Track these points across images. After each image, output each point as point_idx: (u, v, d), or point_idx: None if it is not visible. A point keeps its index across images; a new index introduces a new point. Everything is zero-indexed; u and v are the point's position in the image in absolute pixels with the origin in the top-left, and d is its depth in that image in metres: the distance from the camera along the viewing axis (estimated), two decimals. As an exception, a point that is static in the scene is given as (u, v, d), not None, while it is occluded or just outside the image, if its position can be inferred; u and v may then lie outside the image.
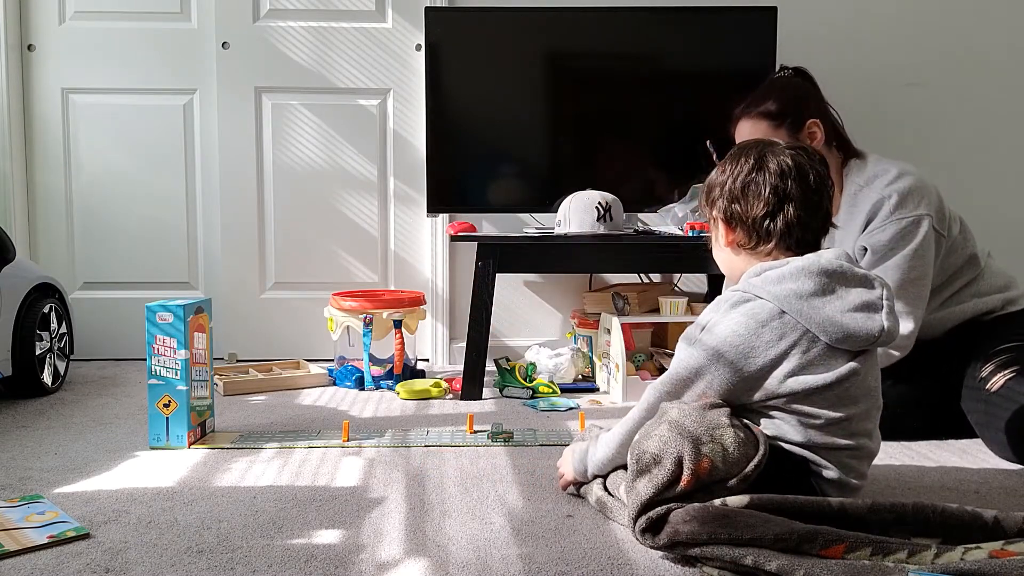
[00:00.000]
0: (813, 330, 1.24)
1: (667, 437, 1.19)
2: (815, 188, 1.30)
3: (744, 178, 1.31)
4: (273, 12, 2.81)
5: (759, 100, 1.91)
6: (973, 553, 1.08)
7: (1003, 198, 2.84)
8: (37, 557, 1.20)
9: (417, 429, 1.95)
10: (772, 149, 1.32)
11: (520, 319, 2.90)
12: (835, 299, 1.24)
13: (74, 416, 2.08)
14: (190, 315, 1.77)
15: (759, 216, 1.30)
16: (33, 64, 2.83)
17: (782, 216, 1.29)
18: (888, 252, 1.80)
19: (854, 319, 1.24)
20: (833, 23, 2.79)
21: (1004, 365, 1.76)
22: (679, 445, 1.18)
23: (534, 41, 2.56)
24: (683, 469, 1.17)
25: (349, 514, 1.38)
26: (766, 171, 1.30)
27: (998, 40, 2.83)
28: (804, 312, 1.23)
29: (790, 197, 1.28)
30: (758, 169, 1.31)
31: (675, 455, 1.18)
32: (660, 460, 1.19)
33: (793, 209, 1.28)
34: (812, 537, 1.11)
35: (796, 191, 1.28)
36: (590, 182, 2.40)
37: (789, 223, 1.29)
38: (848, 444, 1.27)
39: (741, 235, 1.34)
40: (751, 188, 1.30)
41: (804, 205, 1.29)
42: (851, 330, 1.23)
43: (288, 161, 2.85)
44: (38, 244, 2.88)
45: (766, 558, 1.09)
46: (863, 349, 1.26)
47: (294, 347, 2.87)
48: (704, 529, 1.13)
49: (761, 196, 1.29)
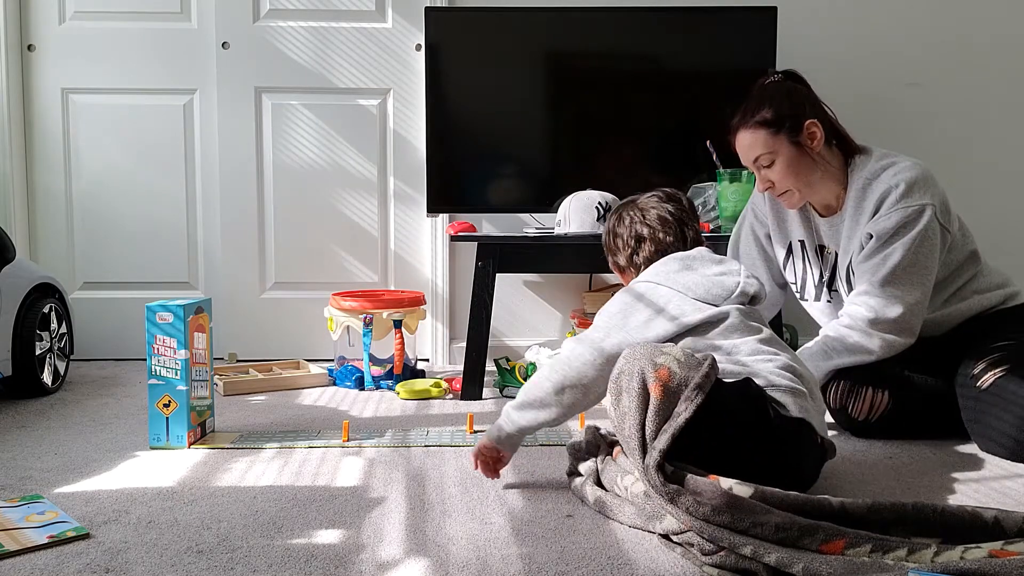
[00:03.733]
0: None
1: (622, 366, 1.34)
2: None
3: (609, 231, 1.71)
4: (273, 12, 2.81)
5: (754, 109, 1.90)
6: (973, 552, 1.07)
7: (1003, 198, 2.84)
8: (37, 557, 1.20)
9: (417, 429, 1.95)
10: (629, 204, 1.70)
11: (520, 319, 2.90)
12: (685, 272, 1.56)
13: (74, 416, 2.08)
14: (190, 315, 1.77)
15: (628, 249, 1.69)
16: (33, 64, 2.83)
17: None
18: (891, 238, 1.81)
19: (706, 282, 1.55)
20: (833, 23, 2.80)
21: (995, 363, 1.76)
22: (635, 366, 1.32)
23: (534, 41, 2.56)
24: (647, 383, 1.29)
25: (349, 514, 1.38)
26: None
27: (998, 40, 2.83)
28: (670, 279, 1.56)
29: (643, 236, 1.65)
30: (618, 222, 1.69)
31: (638, 374, 1.30)
32: (628, 387, 1.31)
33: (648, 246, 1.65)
34: (813, 531, 1.12)
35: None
36: (590, 182, 2.40)
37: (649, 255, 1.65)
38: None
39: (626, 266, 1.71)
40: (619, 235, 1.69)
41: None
42: (715, 284, 1.55)
43: (288, 161, 2.85)
44: (38, 244, 2.89)
45: (765, 550, 1.10)
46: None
47: (294, 347, 2.87)
48: (706, 509, 1.16)
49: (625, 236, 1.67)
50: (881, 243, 1.82)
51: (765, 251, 2.11)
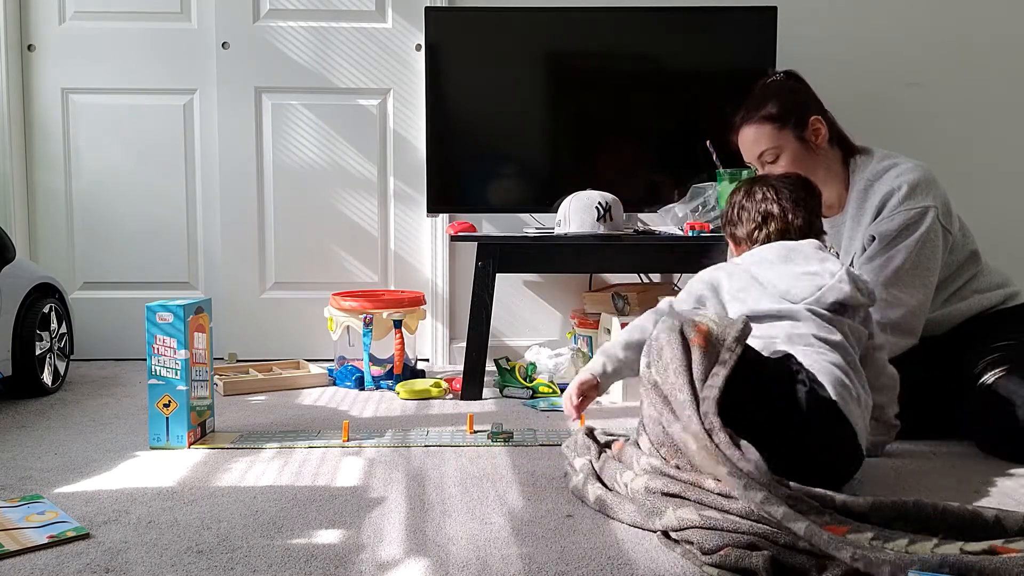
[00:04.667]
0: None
1: (659, 328, 1.41)
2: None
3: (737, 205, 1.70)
4: (273, 12, 2.81)
5: (759, 105, 1.90)
6: (973, 545, 1.07)
7: (1003, 198, 2.84)
8: (37, 557, 1.20)
9: (417, 429, 1.95)
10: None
11: (520, 319, 2.90)
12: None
13: (74, 416, 2.08)
14: (190, 315, 1.77)
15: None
16: (33, 64, 2.83)
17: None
18: (893, 240, 1.81)
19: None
20: (833, 23, 2.79)
21: (996, 363, 1.77)
22: (674, 325, 1.38)
23: (534, 41, 2.56)
24: (688, 338, 1.35)
25: (349, 514, 1.38)
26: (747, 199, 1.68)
27: (998, 40, 2.83)
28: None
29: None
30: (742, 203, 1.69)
31: (678, 331, 1.37)
32: (668, 341, 1.36)
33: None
34: (820, 512, 1.15)
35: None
36: (590, 182, 2.40)
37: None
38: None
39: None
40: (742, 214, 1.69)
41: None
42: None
43: (288, 161, 2.85)
44: (38, 244, 2.88)
45: (776, 504, 1.12)
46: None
47: (294, 347, 2.87)
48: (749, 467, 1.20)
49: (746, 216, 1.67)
50: (884, 245, 1.82)
51: (766, 251, 2.11)
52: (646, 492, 1.30)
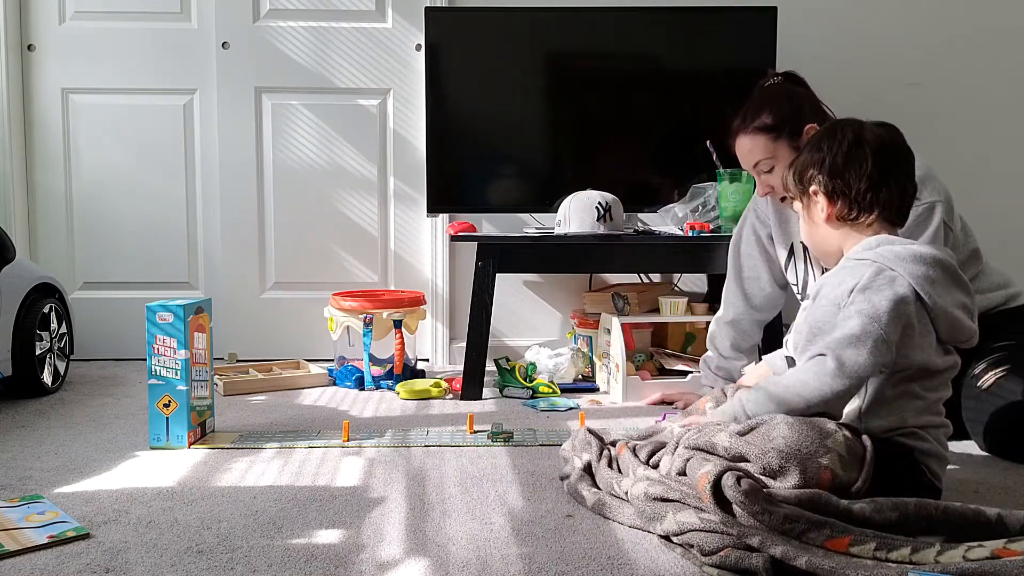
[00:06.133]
0: (934, 318, 1.32)
1: (787, 452, 1.21)
2: (909, 161, 1.41)
3: (846, 153, 1.39)
4: (273, 12, 2.81)
5: (754, 114, 1.89)
6: (975, 551, 1.08)
7: (1003, 198, 2.84)
8: (37, 557, 1.20)
9: (417, 429, 1.95)
10: (866, 125, 1.42)
11: (520, 319, 2.90)
12: (946, 294, 1.33)
13: (74, 416, 2.08)
14: (190, 315, 1.77)
15: (863, 189, 1.38)
16: (33, 64, 2.83)
17: (885, 189, 1.37)
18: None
19: (959, 317, 1.34)
20: (833, 23, 2.79)
21: (997, 363, 1.77)
22: (798, 459, 1.21)
23: (534, 41, 2.56)
24: (807, 479, 1.21)
25: (349, 514, 1.38)
26: (866, 146, 1.38)
27: (998, 40, 2.83)
28: (933, 299, 1.31)
29: (889, 171, 1.37)
30: (857, 144, 1.39)
31: (797, 467, 1.21)
32: (786, 469, 1.22)
33: (894, 182, 1.38)
34: (820, 526, 1.13)
35: (894, 166, 1.38)
36: (590, 182, 2.40)
37: (891, 194, 1.38)
38: (943, 423, 1.39)
39: (843, 208, 1.40)
40: (853, 163, 1.38)
41: (902, 178, 1.39)
42: (958, 327, 1.34)
43: (288, 161, 2.85)
44: (38, 244, 2.88)
45: (772, 541, 1.11)
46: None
47: (294, 347, 2.87)
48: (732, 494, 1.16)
49: (864, 170, 1.37)
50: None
51: (767, 252, 2.11)
52: (645, 498, 1.30)
